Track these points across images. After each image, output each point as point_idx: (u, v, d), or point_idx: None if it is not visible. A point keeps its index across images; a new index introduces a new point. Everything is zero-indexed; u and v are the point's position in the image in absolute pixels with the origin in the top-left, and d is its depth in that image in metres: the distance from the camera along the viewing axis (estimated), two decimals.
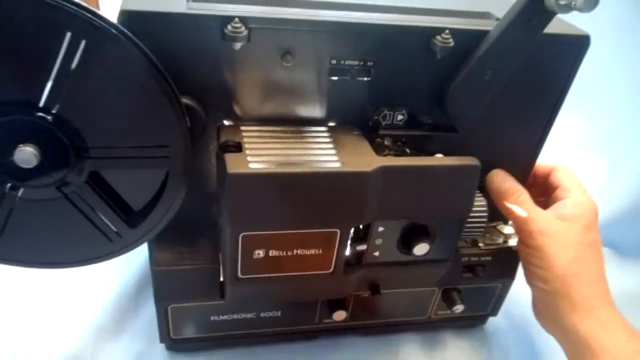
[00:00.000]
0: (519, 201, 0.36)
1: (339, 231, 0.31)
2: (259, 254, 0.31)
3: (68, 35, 0.24)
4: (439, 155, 0.34)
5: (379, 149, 0.33)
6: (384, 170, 0.30)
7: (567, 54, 0.33)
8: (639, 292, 0.52)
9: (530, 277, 0.37)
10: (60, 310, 0.42)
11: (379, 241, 0.34)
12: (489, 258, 0.40)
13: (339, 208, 0.30)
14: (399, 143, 0.35)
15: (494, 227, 0.41)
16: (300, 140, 0.32)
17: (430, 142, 0.35)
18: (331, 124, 0.34)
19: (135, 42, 0.26)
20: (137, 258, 0.46)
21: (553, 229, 0.35)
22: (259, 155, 0.30)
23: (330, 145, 0.32)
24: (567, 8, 0.28)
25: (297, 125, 0.33)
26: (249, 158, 0.29)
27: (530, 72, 0.34)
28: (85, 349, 0.39)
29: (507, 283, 0.43)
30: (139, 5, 0.27)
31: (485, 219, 0.36)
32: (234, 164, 0.28)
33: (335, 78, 0.32)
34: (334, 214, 0.31)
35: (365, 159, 0.31)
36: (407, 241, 0.34)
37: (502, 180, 0.37)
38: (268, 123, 0.32)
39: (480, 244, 0.40)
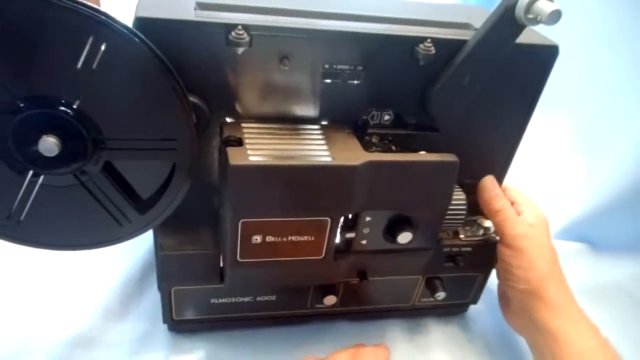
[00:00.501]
0: (504, 207, 0.39)
1: (329, 220, 0.34)
2: (256, 239, 0.34)
3: (91, 38, 0.28)
4: (422, 153, 0.38)
5: (367, 146, 0.36)
6: (371, 165, 0.33)
7: (538, 62, 0.37)
8: (612, 286, 0.55)
9: (508, 279, 0.40)
10: (70, 293, 0.45)
11: (366, 230, 0.37)
12: (469, 249, 0.44)
13: (330, 198, 0.34)
14: (386, 141, 0.38)
15: (475, 220, 0.45)
16: (295, 137, 0.35)
17: (414, 141, 0.38)
18: (324, 122, 0.37)
19: (149, 46, 0.29)
20: (142, 246, 0.49)
21: (530, 234, 0.38)
22: (258, 149, 0.33)
23: (323, 142, 0.35)
24: (534, 21, 0.31)
25: (293, 123, 0.36)
26: (249, 152, 0.32)
27: (505, 79, 0.37)
28: (93, 329, 0.42)
29: (486, 273, 0.47)
30: (152, 12, 0.31)
31: (464, 212, 0.40)
32: (235, 156, 0.31)
33: (328, 81, 0.35)
34: (325, 203, 0.34)
35: (354, 154, 0.34)
36: (392, 230, 0.37)
37: (493, 186, 0.40)
38: (267, 121, 0.36)
39: (462, 236, 0.44)
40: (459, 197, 0.39)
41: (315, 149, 0.34)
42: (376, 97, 0.36)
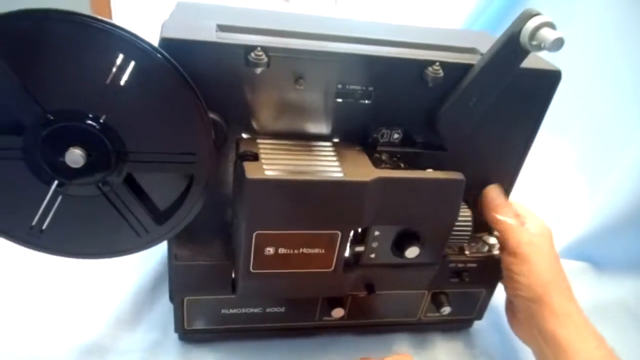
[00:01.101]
0: (509, 215, 0.40)
1: (340, 233, 0.36)
2: (269, 251, 0.35)
3: (120, 56, 0.29)
4: (430, 170, 0.39)
5: (377, 163, 0.38)
6: (381, 181, 0.35)
7: (542, 86, 0.39)
8: (615, 305, 0.56)
9: (513, 288, 0.41)
10: (83, 301, 0.46)
11: (375, 244, 0.38)
12: (474, 265, 0.45)
13: (341, 212, 0.35)
14: (395, 158, 0.39)
15: (480, 237, 0.46)
16: (308, 153, 0.36)
17: (422, 158, 0.40)
18: (335, 140, 0.38)
19: (173, 64, 0.30)
20: (154, 257, 0.50)
21: (534, 241, 0.39)
22: (273, 164, 0.34)
23: (335, 158, 0.36)
24: (538, 48, 0.33)
25: (306, 140, 0.38)
26: (264, 166, 0.34)
27: (510, 101, 0.39)
28: (105, 337, 0.43)
29: (490, 289, 0.47)
30: (176, 33, 0.32)
31: (470, 228, 0.41)
32: (251, 170, 0.33)
33: (340, 100, 0.36)
34: (336, 217, 0.35)
35: (364, 171, 0.35)
36: (400, 245, 0.38)
37: (497, 195, 0.41)
38: (281, 137, 0.37)
39: (467, 252, 0.45)
40: (465, 214, 0.41)
41: (328, 164, 0.36)
42: (386, 117, 0.38)
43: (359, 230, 0.38)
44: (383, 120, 0.38)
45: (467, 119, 0.38)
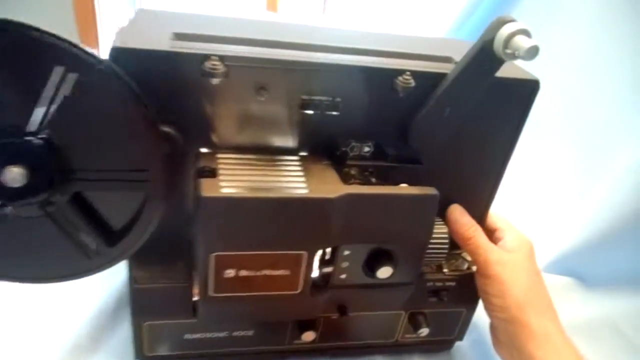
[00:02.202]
0: (475, 234, 0.38)
1: (305, 253, 0.33)
2: (229, 273, 0.33)
3: (61, 68, 0.27)
4: (404, 185, 0.37)
5: (346, 178, 0.35)
6: (348, 198, 0.32)
7: (519, 96, 0.37)
8: (602, 323, 0.54)
9: (489, 308, 0.39)
10: (38, 327, 0.43)
11: (345, 264, 0.36)
12: (453, 283, 0.42)
13: (306, 232, 0.33)
14: (366, 173, 0.37)
15: (459, 254, 0.44)
16: (272, 168, 0.34)
17: (395, 173, 0.38)
18: (302, 153, 0.36)
19: (119, 76, 0.28)
20: (118, 277, 0.48)
21: (505, 259, 0.37)
22: (232, 180, 0.32)
23: (300, 173, 0.34)
24: (512, 56, 0.31)
25: (270, 154, 0.35)
26: (222, 183, 0.31)
27: (487, 111, 0.37)
28: None
29: (470, 308, 0.45)
30: (129, 42, 0.30)
31: (446, 245, 0.39)
32: (207, 188, 0.31)
33: (305, 112, 0.34)
34: (301, 237, 0.33)
35: (331, 187, 0.33)
36: (371, 265, 0.36)
37: (460, 214, 0.39)
38: (243, 151, 0.35)
39: (445, 270, 0.43)
40: (440, 230, 0.39)
41: (292, 180, 0.33)
42: (355, 129, 0.36)
43: (328, 249, 0.35)
44: (353, 132, 0.36)
45: (441, 130, 0.36)
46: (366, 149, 0.37)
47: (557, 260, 0.58)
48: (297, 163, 0.35)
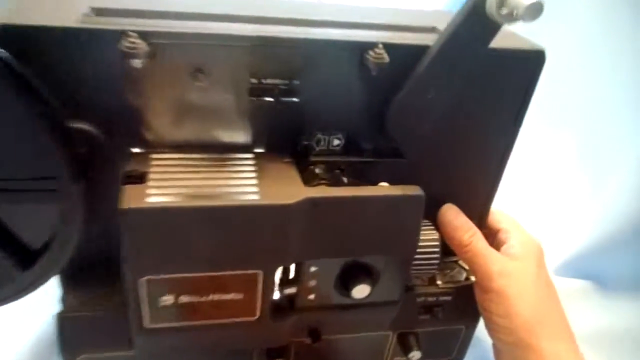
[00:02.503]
0: (473, 239, 0.32)
1: (261, 272, 0.27)
2: (167, 300, 0.27)
3: None
4: (384, 184, 0.30)
5: (310, 178, 0.29)
6: (310, 203, 0.26)
7: (521, 70, 0.30)
8: (622, 331, 0.47)
9: (491, 329, 0.33)
10: None
11: (312, 283, 0.29)
12: (448, 298, 0.36)
13: (259, 247, 0.26)
14: (337, 171, 0.31)
15: (455, 262, 0.37)
16: (218, 170, 0.28)
17: (372, 170, 0.31)
18: (258, 150, 0.30)
19: (5, 61, 0.22)
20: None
21: (510, 269, 0.31)
22: (166, 187, 0.26)
23: (253, 175, 0.28)
24: (510, 18, 0.24)
25: (219, 152, 0.29)
26: (149, 190, 0.25)
27: (483, 91, 0.30)
28: None
29: (471, 325, 0.39)
30: (23, 19, 0.24)
31: (437, 255, 0.32)
32: (129, 197, 0.24)
33: (257, 99, 0.28)
34: (253, 253, 0.27)
35: (289, 190, 0.27)
36: (345, 282, 0.30)
37: (454, 216, 0.33)
38: (184, 150, 0.29)
39: (439, 282, 0.36)
40: (430, 237, 0.32)
41: (242, 184, 0.27)
42: (321, 118, 0.29)
43: (291, 266, 0.29)
44: (317, 122, 0.30)
45: (424, 116, 0.29)
46: (335, 141, 0.30)
47: (570, 261, 0.52)
48: (250, 162, 0.29)
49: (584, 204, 0.54)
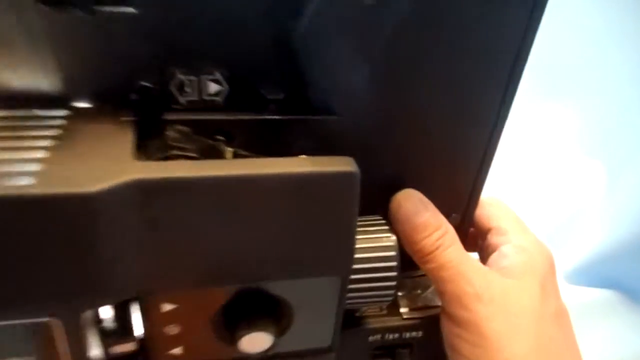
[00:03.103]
0: (442, 243, 0.20)
1: (58, 322, 0.15)
2: None
3: None
4: (302, 157, 0.18)
5: (160, 148, 0.17)
6: (142, 188, 0.14)
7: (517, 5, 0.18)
8: None
9: None
10: None
11: (171, 329, 0.17)
12: (418, 333, 0.24)
13: (42, 274, 0.14)
14: (220, 138, 0.19)
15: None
16: None
17: (283, 136, 0.19)
18: (81, 104, 0.18)
19: None
20: None
21: (497, 291, 0.19)
22: None
23: (47, 143, 0.16)
24: None
25: (8, 107, 0.17)
26: None
27: (469, 28, 0.18)
28: None
29: None
30: None
31: (393, 269, 0.20)
32: None
33: (60, 13, 0.16)
34: (35, 286, 0.14)
35: (100, 168, 0.14)
36: (231, 327, 0.17)
37: (414, 207, 0.21)
38: None
39: (403, 309, 0.24)
40: (381, 242, 0.20)
41: (20, 158, 0.15)
42: (184, 46, 0.17)
43: (136, 305, 0.17)
44: (177, 54, 0.17)
45: (363, 37, 0.17)
46: (212, 87, 0.18)
47: (584, 266, 0.40)
48: (56, 122, 0.17)
49: (600, 195, 0.43)
